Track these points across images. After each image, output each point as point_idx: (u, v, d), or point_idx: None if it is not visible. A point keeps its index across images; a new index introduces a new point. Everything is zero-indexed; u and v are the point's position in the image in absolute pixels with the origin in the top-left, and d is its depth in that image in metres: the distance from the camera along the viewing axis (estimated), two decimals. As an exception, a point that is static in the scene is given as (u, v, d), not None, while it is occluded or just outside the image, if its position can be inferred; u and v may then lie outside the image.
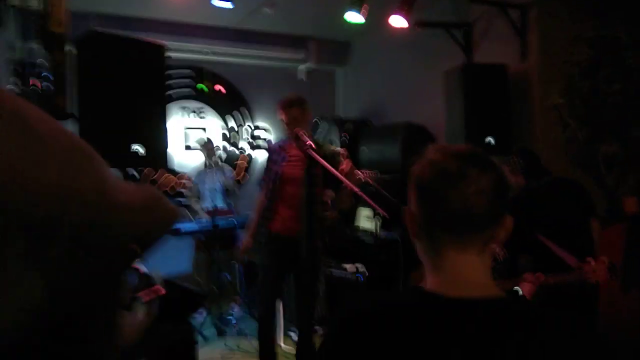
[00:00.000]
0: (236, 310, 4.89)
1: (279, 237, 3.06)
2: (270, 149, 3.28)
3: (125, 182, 0.39)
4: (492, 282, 0.91)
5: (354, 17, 3.72)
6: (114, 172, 0.39)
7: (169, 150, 3.00)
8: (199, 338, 4.08)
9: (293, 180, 3.02)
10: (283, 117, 3.03)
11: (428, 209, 0.89)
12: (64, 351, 0.35)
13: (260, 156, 5.87)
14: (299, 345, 3.20)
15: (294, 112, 3.00)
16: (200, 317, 4.56)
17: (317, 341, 3.21)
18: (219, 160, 5.01)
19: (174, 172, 5.39)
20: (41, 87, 3.62)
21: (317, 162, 2.87)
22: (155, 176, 5.32)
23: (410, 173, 0.94)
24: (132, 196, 0.37)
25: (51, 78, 2.61)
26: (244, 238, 3.20)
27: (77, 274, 0.32)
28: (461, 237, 0.87)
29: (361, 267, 4.02)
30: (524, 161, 3.02)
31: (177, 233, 4.29)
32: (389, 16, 3.88)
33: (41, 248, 0.29)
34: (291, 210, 3.04)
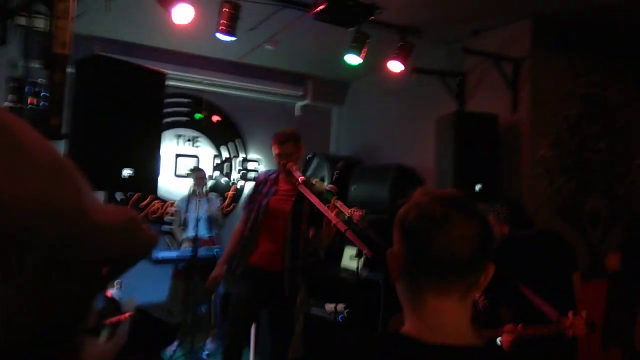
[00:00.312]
0: (209, 344, 4.77)
1: (257, 270, 3.00)
2: (258, 180, 3.21)
3: (106, 204, 0.39)
4: (471, 330, 0.91)
5: (352, 59, 3.82)
6: (98, 195, 0.41)
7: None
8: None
9: (279, 215, 3.01)
10: (277, 150, 3.03)
11: (412, 252, 0.89)
12: None
13: (250, 187, 5.88)
14: None
15: (288, 147, 3.02)
16: (170, 350, 4.44)
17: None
18: (207, 189, 5.00)
19: (162, 200, 5.38)
20: (39, 106, 3.64)
21: (305, 199, 2.92)
22: (144, 202, 5.30)
23: (396, 215, 0.94)
24: (111, 218, 0.38)
25: (47, 98, 2.63)
26: (217, 267, 3.12)
27: (50, 291, 0.33)
28: (443, 282, 0.87)
29: (341, 308, 3.98)
30: (509, 211, 3.05)
31: (156, 260, 4.22)
32: (386, 61, 3.99)
33: (16, 262, 0.30)
34: (273, 244, 3.01)
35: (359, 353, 0.87)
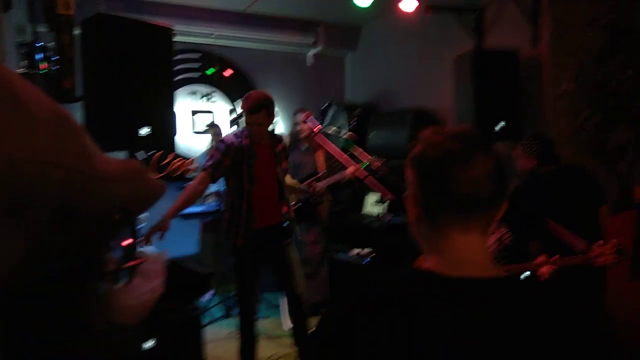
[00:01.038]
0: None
1: (262, 231, 3.05)
2: (231, 146, 2.97)
3: (109, 157, 0.39)
4: (492, 262, 0.92)
5: (362, 1, 3.69)
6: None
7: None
8: (206, 318, 4.14)
9: (265, 179, 3.03)
10: (248, 119, 2.93)
11: (434, 191, 0.88)
12: (49, 314, 0.36)
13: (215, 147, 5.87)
14: (293, 323, 3.22)
15: (260, 117, 2.92)
16: (207, 298, 4.62)
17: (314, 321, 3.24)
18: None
19: (182, 157, 5.41)
20: (51, 70, 3.64)
21: (282, 157, 3.09)
22: (165, 160, 5.35)
23: (410, 155, 0.93)
24: (115, 168, 0.38)
25: (56, 61, 2.61)
26: (164, 218, 2.88)
27: (60, 238, 0.32)
28: (467, 218, 0.87)
29: (366, 252, 4.04)
30: (539, 145, 3.00)
31: (184, 215, 4.32)
32: (399, 1, 3.83)
33: (25, 210, 0.30)
34: (263, 206, 3.05)
35: (385, 290, 0.87)
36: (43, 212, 0.28)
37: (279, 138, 3.15)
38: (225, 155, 2.96)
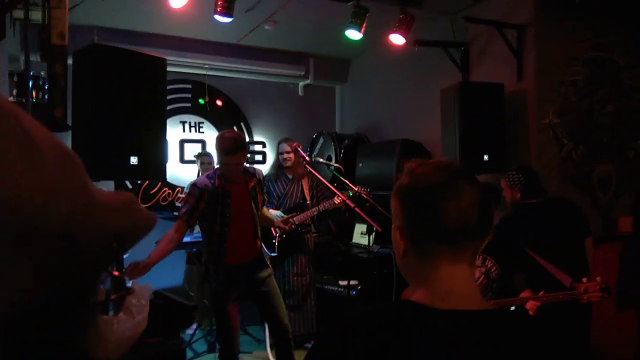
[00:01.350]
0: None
1: (233, 268, 3.06)
2: (205, 189, 2.95)
3: (101, 188, 0.42)
4: (480, 295, 0.93)
5: (353, 34, 3.78)
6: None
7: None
8: (189, 352, 4.05)
9: (241, 219, 3.05)
10: (227, 161, 2.91)
11: (422, 223, 0.89)
12: (48, 344, 0.37)
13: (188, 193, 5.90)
14: (277, 356, 3.23)
15: (239, 157, 2.92)
16: (190, 331, 4.54)
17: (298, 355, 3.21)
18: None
19: (171, 186, 5.41)
20: (43, 99, 3.65)
21: (258, 191, 3.14)
22: (154, 189, 5.34)
23: (396, 187, 0.94)
24: (112, 199, 0.40)
25: (48, 90, 2.63)
26: (145, 261, 2.78)
27: (64, 266, 0.34)
28: (456, 248, 0.88)
29: (354, 283, 4.02)
30: (522, 177, 3.04)
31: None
32: (387, 35, 3.94)
33: (31, 238, 0.32)
34: (239, 243, 3.07)
35: (374, 321, 0.87)
36: (48, 242, 0.30)
37: (251, 172, 3.13)
38: (199, 200, 2.94)
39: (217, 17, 3.31)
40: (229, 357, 3.07)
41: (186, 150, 5.55)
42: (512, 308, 2.52)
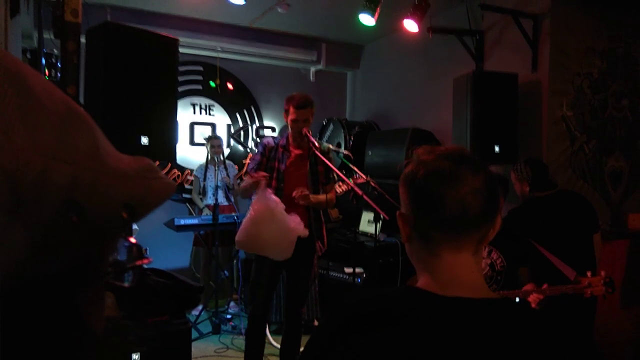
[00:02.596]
0: (233, 307, 4.91)
1: None
2: (267, 146, 3.11)
3: (122, 154, 0.40)
4: (484, 283, 0.92)
5: (366, 19, 3.74)
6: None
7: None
8: (194, 333, 4.10)
9: (298, 179, 3.03)
10: (294, 116, 2.97)
11: (424, 210, 0.89)
12: (47, 311, 0.36)
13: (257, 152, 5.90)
14: (284, 342, 3.21)
15: (307, 112, 2.98)
16: (196, 312, 4.59)
17: (304, 340, 3.22)
18: (223, 157, 5.02)
19: (180, 168, 5.43)
20: (55, 77, 3.66)
21: (318, 160, 3.00)
22: (164, 170, 5.36)
23: (402, 175, 0.94)
24: (126, 165, 0.38)
25: (61, 67, 2.63)
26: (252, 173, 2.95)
27: (66, 234, 0.33)
28: (457, 237, 0.88)
29: (360, 271, 4.03)
30: (531, 170, 3.02)
31: (178, 227, 4.31)
32: (402, 21, 3.89)
33: (29, 205, 0.31)
34: (297, 209, 3.03)
35: (377, 306, 0.87)
36: (48, 209, 0.29)
37: (319, 144, 3.05)
38: (263, 155, 3.09)
39: (231, -1, 3.29)
40: (257, 325, 3.07)
41: (196, 133, 5.55)
42: (517, 300, 2.51)
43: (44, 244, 0.32)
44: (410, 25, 3.85)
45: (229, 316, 4.65)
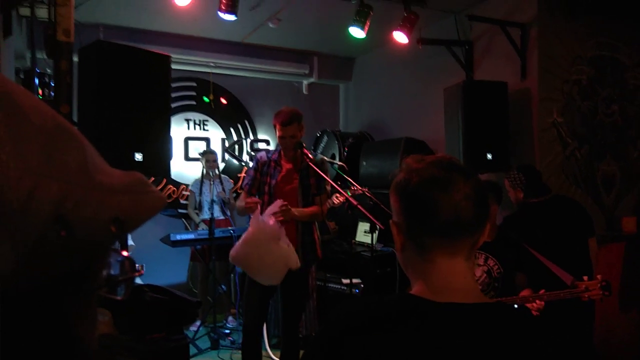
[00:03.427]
0: (231, 321, 4.88)
1: None
2: (261, 161, 3.14)
3: (113, 169, 0.41)
4: (478, 288, 0.94)
5: (357, 32, 3.78)
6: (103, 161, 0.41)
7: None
8: (192, 349, 4.07)
9: (289, 193, 3.04)
10: (280, 133, 2.99)
11: (417, 217, 0.90)
12: (37, 330, 0.37)
13: (250, 168, 5.90)
14: (282, 356, 3.19)
15: (292, 129, 2.99)
16: (194, 328, 4.56)
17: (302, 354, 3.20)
18: (218, 172, 5.03)
19: (175, 183, 5.43)
20: (49, 96, 3.67)
21: (310, 174, 3.00)
22: (159, 186, 5.35)
23: (393, 183, 0.95)
24: (116, 179, 0.39)
25: (54, 86, 2.65)
26: (248, 199, 2.95)
27: (53, 249, 0.34)
28: (452, 242, 0.89)
29: (357, 282, 4.02)
30: (525, 177, 3.04)
31: (174, 242, 4.30)
32: (391, 33, 3.94)
33: (16, 221, 0.31)
34: (287, 223, 3.04)
35: (375, 314, 0.88)
36: (36, 224, 0.29)
37: (312, 156, 3.06)
38: (256, 171, 3.13)
39: (221, 15, 3.32)
40: (251, 353, 3.06)
41: (190, 148, 5.57)
42: (515, 307, 2.52)
43: (31, 259, 0.32)
44: (400, 37, 3.90)
45: (227, 331, 4.62)
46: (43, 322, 0.37)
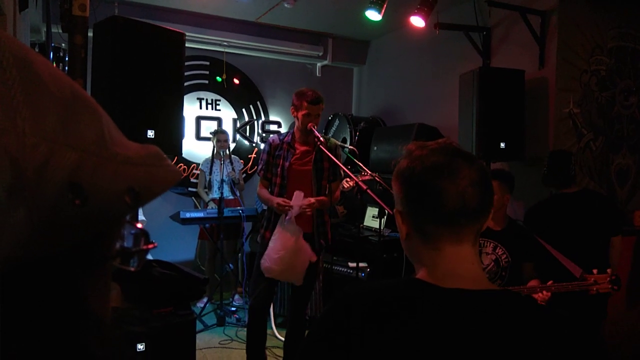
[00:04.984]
0: (237, 299, 4.95)
1: None
2: (273, 144, 3.13)
3: (130, 142, 0.41)
4: (484, 275, 0.93)
5: (373, 15, 3.73)
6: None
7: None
8: (199, 324, 4.14)
9: (302, 176, 3.03)
10: (305, 110, 2.97)
11: (422, 206, 0.89)
12: (49, 300, 0.37)
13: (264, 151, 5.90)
14: (288, 335, 3.23)
15: (319, 108, 3.01)
16: (201, 304, 4.63)
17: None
18: (229, 152, 5.04)
19: (186, 162, 5.45)
20: (62, 70, 3.68)
21: (323, 157, 2.99)
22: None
23: (396, 170, 0.94)
24: (132, 152, 0.39)
25: (69, 61, 2.66)
26: (279, 200, 2.97)
27: (68, 218, 0.34)
28: (458, 229, 0.88)
29: (364, 266, 4.04)
30: (548, 162, 2.98)
31: (184, 220, 4.34)
32: (408, 17, 3.88)
33: (31, 188, 0.32)
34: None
35: (381, 296, 0.88)
36: (50, 191, 0.29)
37: (325, 139, 3.03)
38: (269, 154, 3.12)
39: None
40: (256, 331, 3.09)
41: (202, 127, 5.57)
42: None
43: (46, 226, 0.33)
44: (417, 22, 3.85)
45: (233, 309, 4.68)
46: (55, 291, 0.37)
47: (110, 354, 0.41)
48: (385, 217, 3.25)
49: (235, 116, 5.81)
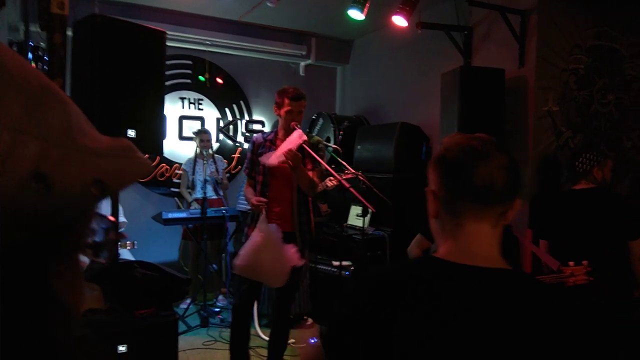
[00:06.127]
0: (221, 300, 4.92)
1: None
2: (256, 142, 3.16)
3: (99, 134, 0.41)
4: (500, 256, 0.98)
5: (356, 14, 3.75)
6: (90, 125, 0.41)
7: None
8: (182, 326, 4.10)
9: (284, 174, 3.03)
10: (288, 107, 2.99)
11: (454, 182, 0.96)
12: (16, 288, 0.37)
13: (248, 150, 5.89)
14: (272, 335, 3.22)
15: (302, 104, 3.03)
16: (184, 306, 4.60)
17: (291, 333, 3.24)
18: (212, 152, 5.02)
19: (169, 162, 5.41)
20: (41, 69, 3.63)
21: (304, 154, 2.98)
22: (153, 164, 5.34)
23: (432, 160, 1.02)
24: (102, 144, 0.39)
25: (48, 60, 2.62)
26: (254, 200, 2.97)
27: (31, 207, 0.34)
28: (482, 207, 0.95)
29: (348, 264, 4.05)
30: (571, 158, 2.96)
31: (166, 221, 4.30)
32: (391, 17, 3.90)
33: None
34: (283, 205, 3.05)
35: (399, 275, 0.94)
36: (13, 179, 0.30)
37: (306, 137, 2.98)
38: (253, 153, 3.14)
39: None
40: (240, 331, 3.09)
41: (185, 127, 5.54)
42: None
43: (10, 216, 0.33)
44: (400, 21, 3.87)
45: (217, 309, 4.66)
46: (22, 278, 0.37)
47: (72, 341, 0.41)
48: (368, 215, 3.27)
49: (219, 116, 5.79)
